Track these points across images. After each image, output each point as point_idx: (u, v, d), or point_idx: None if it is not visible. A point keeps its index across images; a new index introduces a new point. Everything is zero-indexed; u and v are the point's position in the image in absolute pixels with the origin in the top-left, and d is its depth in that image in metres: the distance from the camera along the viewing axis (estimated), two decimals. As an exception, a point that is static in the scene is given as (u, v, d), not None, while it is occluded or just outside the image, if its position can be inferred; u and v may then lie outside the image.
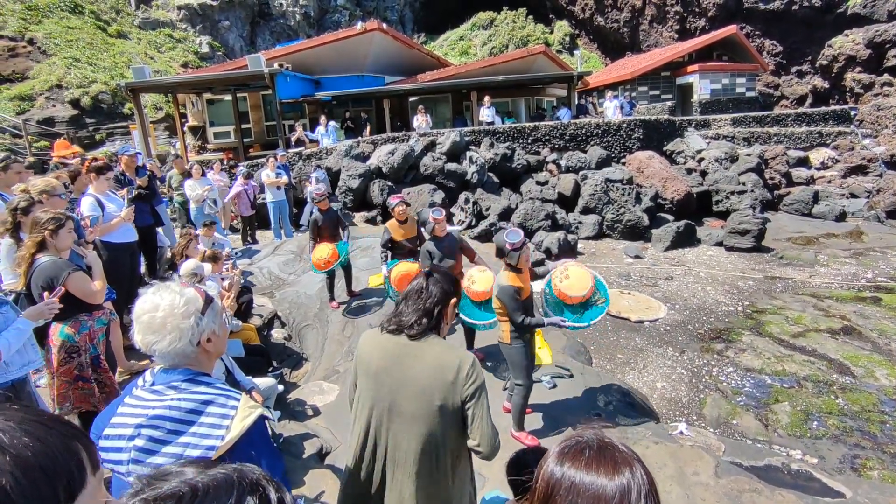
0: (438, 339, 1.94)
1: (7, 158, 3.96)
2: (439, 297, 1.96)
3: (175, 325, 1.37)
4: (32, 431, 0.61)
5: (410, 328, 1.89)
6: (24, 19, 20.22)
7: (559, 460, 0.95)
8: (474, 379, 1.82)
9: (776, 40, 26.12)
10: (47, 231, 3.17)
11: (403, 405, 1.84)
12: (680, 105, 23.39)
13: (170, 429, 1.31)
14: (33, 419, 0.63)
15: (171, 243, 7.30)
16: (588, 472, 0.90)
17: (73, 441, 0.65)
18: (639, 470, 0.90)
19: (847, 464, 4.54)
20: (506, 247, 3.74)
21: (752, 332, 7.33)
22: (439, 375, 1.80)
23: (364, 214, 11.62)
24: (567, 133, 14.26)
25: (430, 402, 1.80)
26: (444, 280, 2.02)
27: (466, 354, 1.88)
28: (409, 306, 1.95)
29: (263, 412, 1.42)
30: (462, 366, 1.81)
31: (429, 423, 1.81)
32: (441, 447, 1.84)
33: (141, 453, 1.30)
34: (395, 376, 1.86)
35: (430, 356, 1.85)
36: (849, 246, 11.64)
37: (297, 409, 4.70)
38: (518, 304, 3.75)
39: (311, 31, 29.61)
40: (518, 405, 4.00)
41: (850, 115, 18.67)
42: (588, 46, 32.97)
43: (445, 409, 1.81)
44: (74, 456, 0.63)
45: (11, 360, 2.67)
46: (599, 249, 11.55)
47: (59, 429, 0.64)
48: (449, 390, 1.80)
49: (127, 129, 17.72)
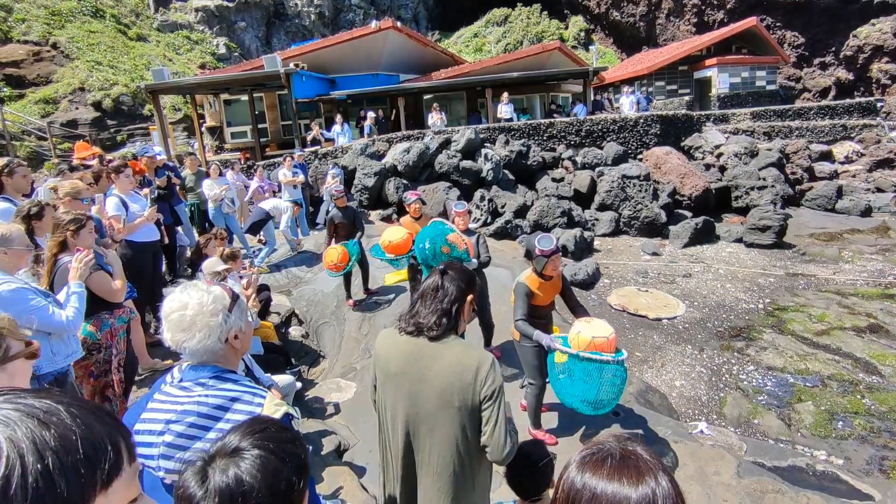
0: (457, 339, 1.90)
1: (10, 163, 4.03)
2: (456, 294, 1.92)
3: (205, 323, 1.40)
4: (78, 415, 0.63)
5: (430, 330, 1.86)
6: (47, 24, 20.68)
7: (580, 469, 0.92)
8: (493, 380, 1.78)
9: (798, 31, 25.56)
10: (69, 231, 3.25)
11: (423, 406, 1.83)
12: (698, 100, 23.02)
13: (198, 424, 1.33)
14: (79, 404, 0.65)
15: (190, 243, 7.41)
16: (611, 481, 0.87)
17: (115, 430, 0.67)
18: (664, 479, 0.87)
19: (875, 465, 4.43)
20: (535, 251, 3.69)
21: (773, 330, 7.19)
22: (458, 376, 1.78)
23: (380, 213, 11.65)
24: (583, 129, 14.13)
25: (450, 404, 1.78)
26: (459, 277, 1.97)
27: (486, 355, 1.84)
28: (427, 306, 1.91)
29: (289, 410, 1.44)
30: (481, 366, 1.79)
31: (449, 425, 1.80)
32: (463, 449, 1.82)
33: (170, 448, 1.32)
34: (415, 377, 1.84)
35: (449, 357, 1.82)
36: (875, 242, 11.34)
37: (315, 406, 4.74)
38: (523, 303, 3.70)
39: (325, 30, 29.78)
40: (532, 404, 3.99)
41: (877, 106, 18.19)
42: (604, 41, 32.61)
43: (464, 411, 1.79)
44: (115, 444, 0.65)
45: (58, 350, 2.79)
46: (616, 246, 11.43)
47: (103, 416, 0.67)
48: (468, 391, 1.77)
49: (147, 131, 18.04)
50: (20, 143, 15.47)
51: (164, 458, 1.32)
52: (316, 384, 5.30)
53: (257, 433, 0.96)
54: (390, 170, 12.22)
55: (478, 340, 5.35)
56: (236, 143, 17.33)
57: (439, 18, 35.84)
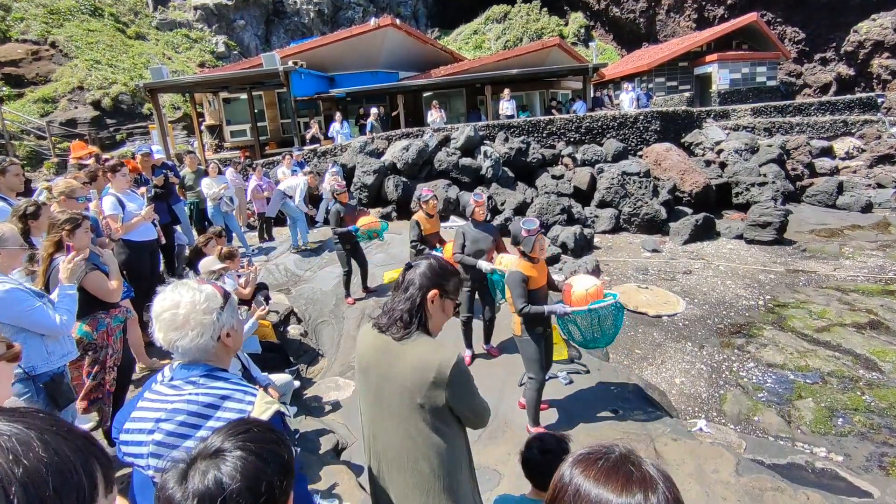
0: (425, 337, 1.83)
1: (3, 161, 4.01)
2: (415, 290, 1.84)
3: (198, 321, 1.39)
4: (51, 443, 0.59)
5: (390, 328, 1.82)
6: (46, 23, 20.65)
7: (573, 464, 0.92)
8: (455, 381, 1.73)
9: (798, 27, 25.47)
10: (65, 231, 3.23)
11: (390, 402, 1.80)
12: (698, 96, 22.95)
13: (189, 423, 1.32)
14: (55, 430, 0.62)
15: (188, 242, 7.39)
16: (596, 483, 0.86)
17: (91, 459, 0.63)
18: (657, 496, 0.83)
19: (874, 462, 4.41)
20: (521, 233, 3.76)
21: (773, 327, 7.17)
22: (420, 375, 1.73)
23: (379, 210, 11.64)
24: (582, 126, 14.09)
25: (412, 401, 1.75)
26: (424, 271, 1.87)
27: (448, 355, 1.75)
28: (393, 302, 1.87)
29: (280, 408, 1.43)
30: (442, 367, 1.72)
31: (413, 422, 1.76)
32: (430, 447, 1.77)
33: (160, 447, 1.31)
34: (382, 373, 1.81)
35: (412, 355, 1.76)
36: (875, 238, 11.31)
37: (314, 404, 4.74)
38: (522, 291, 3.72)
39: (324, 28, 29.71)
40: (532, 399, 3.98)
41: (877, 102, 18.12)
42: (603, 38, 32.51)
43: (427, 409, 1.74)
44: (90, 475, 0.62)
45: (53, 350, 2.79)
46: (616, 243, 11.41)
47: (79, 444, 0.64)
48: (430, 390, 1.72)
49: (146, 129, 18.03)
50: (19, 142, 15.46)
51: (153, 457, 1.31)
52: (314, 383, 5.29)
53: (240, 434, 0.95)
54: (389, 167, 12.20)
55: (456, 341, 5.34)
56: (236, 142, 17.31)
57: (439, 15, 35.75)
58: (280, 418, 1.42)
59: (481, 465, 3.79)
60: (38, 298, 2.65)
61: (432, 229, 5.88)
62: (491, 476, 3.65)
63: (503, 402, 4.53)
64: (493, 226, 5.22)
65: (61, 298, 2.77)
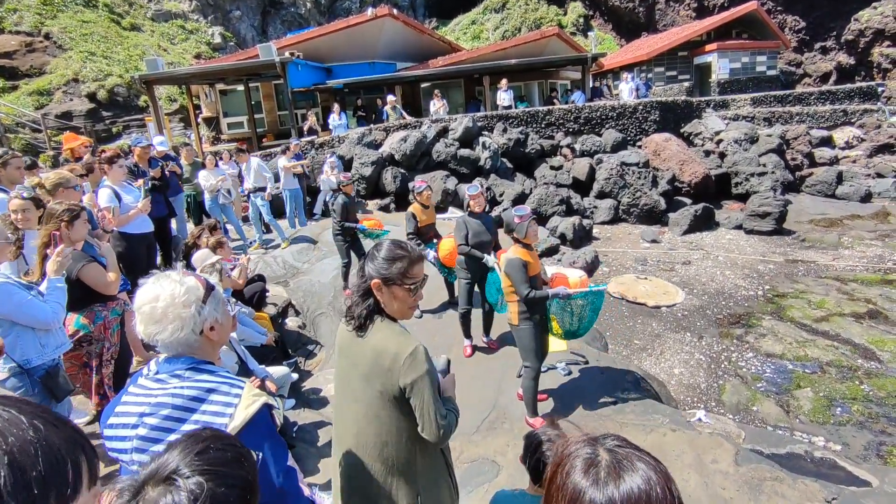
0: (387, 323, 1.82)
1: (6, 154, 3.98)
2: (360, 281, 1.84)
3: (176, 315, 1.35)
4: (40, 429, 0.59)
5: (350, 322, 1.84)
6: (39, 14, 20.42)
7: (564, 458, 0.92)
8: (411, 369, 1.72)
9: (798, 15, 25.28)
10: (63, 222, 3.19)
11: (354, 388, 1.84)
12: (698, 85, 22.81)
13: (173, 416, 1.30)
14: (45, 418, 0.61)
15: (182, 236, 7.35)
16: (585, 476, 0.86)
17: (78, 450, 0.63)
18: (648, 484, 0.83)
19: (872, 451, 4.42)
20: (514, 220, 3.77)
21: (772, 317, 7.17)
22: (377, 361, 1.76)
23: (377, 202, 11.59)
24: (581, 116, 14.01)
25: (373, 388, 1.78)
26: (370, 261, 1.85)
27: (406, 343, 1.75)
28: (354, 293, 1.88)
29: (268, 400, 1.40)
30: (398, 355, 1.72)
31: (375, 409, 1.79)
32: (393, 433, 1.80)
33: (144, 441, 1.29)
34: (349, 360, 1.86)
35: (372, 342, 1.79)
36: (874, 227, 11.29)
37: (312, 397, 4.73)
38: (525, 276, 3.72)
39: (321, 18, 29.46)
40: (528, 388, 3.98)
41: (877, 91, 18.03)
42: (602, 27, 32.26)
43: (386, 395, 1.77)
44: (76, 465, 0.61)
45: (46, 342, 2.78)
46: (615, 234, 11.38)
47: (68, 434, 0.63)
48: (386, 377, 1.74)
49: (143, 122, 17.89)
50: (14, 135, 15.35)
51: (137, 452, 1.29)
52: (312, 375, 5.28)
53: (197, 455, 0.86)
54: (387, 159, 12.13)
55: (478, 332, 5.34)
56: (233, 134, 17.19)
57: (436, 6, 35.42)
58: (267, 410, 1.39)
59: (480, 457, 3.79)
60: (27, 292, 2.63)
61: (428, 220, 5.87)
62: (490, 467, 3.64)
63: (502, 394, 4.53)
64: (492, 217, 5.19)
65: (50, 291, 2.75)
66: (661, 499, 0.81)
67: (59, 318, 2.76)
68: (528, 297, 3.72)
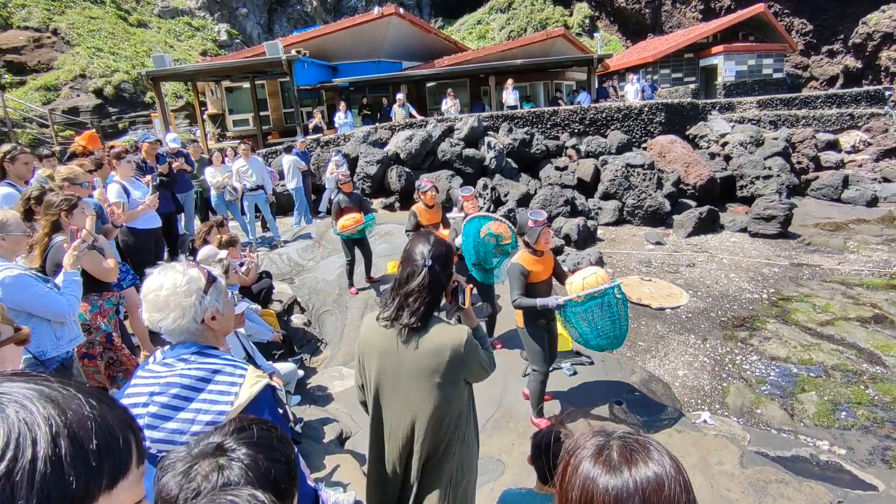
0: (435, 319, 1.93)
1: (14, 149, 4.01)
2: (437, 284, 1.92)
3: (177, 303, 1.43)
4: (96, 407, 0.60)
5: (403, 324, 1.88)
6: (47, 10, 20.52)
7: (575, 453, 0.93)
8: (469, 355, 1.88)
9: (806, 18, 25.20)
10: (62, 211, 3.24)
11: (406, 386, 1.89)
12: (703, 88, 22.76)
13: (182, 395, 1.37)
14: (98, 397, 0.63)
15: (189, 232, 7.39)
16: (596, 465, 0.88)
17: (129, 429, 0.64)
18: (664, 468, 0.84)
19: (878, 455, 4.41)
20: (528, 223, 3.71)
21: (777, 320, 7.16)
22: (437, 356, 1.85)
23: (382, 200, 11.60)
24: (587, 117, 13.99)
25: (431, 382, 1.86)
26: (441, 264, 1.93)
27: (458, 332, 1.88)
28: (403, 299, 1.90)
29: (271, 382, 1.48)
30: (458, 346, 1.86)
31: (431, 404, 1.87)
32: (445, 426, 1.90)
33: (155, 419, 1.35)
34: (397, 358, 1.89)
35: (427, 338, 1.87)
36: (881, 232, 11.26)
37: (318, 394, 4.75)
38: (519, 284, 3.68)
39: (327, 17, 29.49)
40: (535, 391, 3.97)
41: (885, 95, 17.94)
42: (608, 29, 32.21)
43: (444, 387, 1.87)
44: (126, 442, 0.63)
45: (61, 335, 2.82)
46: (619, 236, 11.37)
47: (119, 413, 0.65)
48: (448, 367, 1.85)
49: (149, 118, 17.96)
50: (22, 130, 15.42)
51: (149, 429, 1.35)
52: (318, 372, 5.30)
53: (243, 432, 0.92)
54: (392, 158, 12.14)
55: None
56: (238, 131, 17.23)
57: (442, 5, 35.41)
58: (271, 392, 1.46)
59: (485, 455, 3.80)
60: (44, 284, 2.66)
61: (431, 220, 5.88)
62: (495, 466, 3.65)
63: (507, 393, 4.54)
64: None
65: (66, 284, 2.78)
66: (675, 483, 0.82)
67: (75, 310, 2.80)
68: (514, 305, 3.70)
